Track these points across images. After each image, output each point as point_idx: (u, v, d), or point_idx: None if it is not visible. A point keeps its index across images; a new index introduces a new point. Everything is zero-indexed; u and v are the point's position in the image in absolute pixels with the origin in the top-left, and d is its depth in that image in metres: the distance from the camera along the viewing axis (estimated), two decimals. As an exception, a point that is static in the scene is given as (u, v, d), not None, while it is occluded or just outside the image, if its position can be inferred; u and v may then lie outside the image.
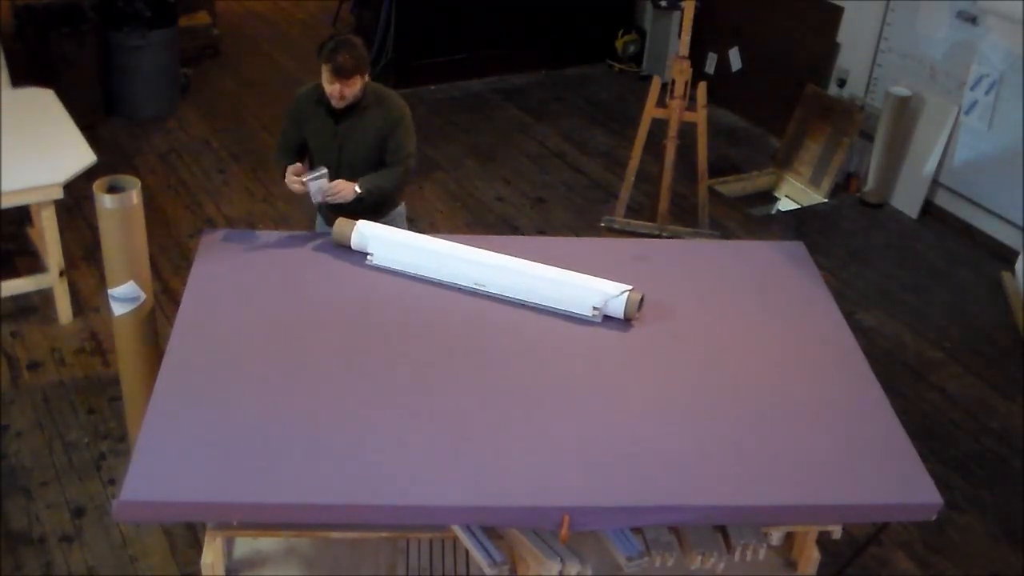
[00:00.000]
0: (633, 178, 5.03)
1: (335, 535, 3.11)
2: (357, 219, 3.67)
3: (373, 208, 3.79)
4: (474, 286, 3.50)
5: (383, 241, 3.62)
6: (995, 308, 5.34)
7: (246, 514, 2.85)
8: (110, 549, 3.65)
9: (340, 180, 3.66)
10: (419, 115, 6.55)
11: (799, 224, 6.00)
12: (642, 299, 3.42)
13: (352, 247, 3.65)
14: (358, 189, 3.67)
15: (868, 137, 6.17)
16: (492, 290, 3.49)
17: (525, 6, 7.34)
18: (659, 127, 4.95)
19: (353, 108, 3.70)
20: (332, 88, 3.62)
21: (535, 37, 7.51)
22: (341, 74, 3.58)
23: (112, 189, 3.38)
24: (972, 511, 4.08)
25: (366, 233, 3.63)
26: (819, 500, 2.87)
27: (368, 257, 3.62)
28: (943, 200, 6.02)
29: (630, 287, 3.43)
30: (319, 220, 4.04)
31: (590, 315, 3.40)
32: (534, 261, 3.56)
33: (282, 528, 3.02)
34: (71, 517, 3.77)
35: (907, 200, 6.11)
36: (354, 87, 3.63)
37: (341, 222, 3.68)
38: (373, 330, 3.34)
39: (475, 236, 3.78)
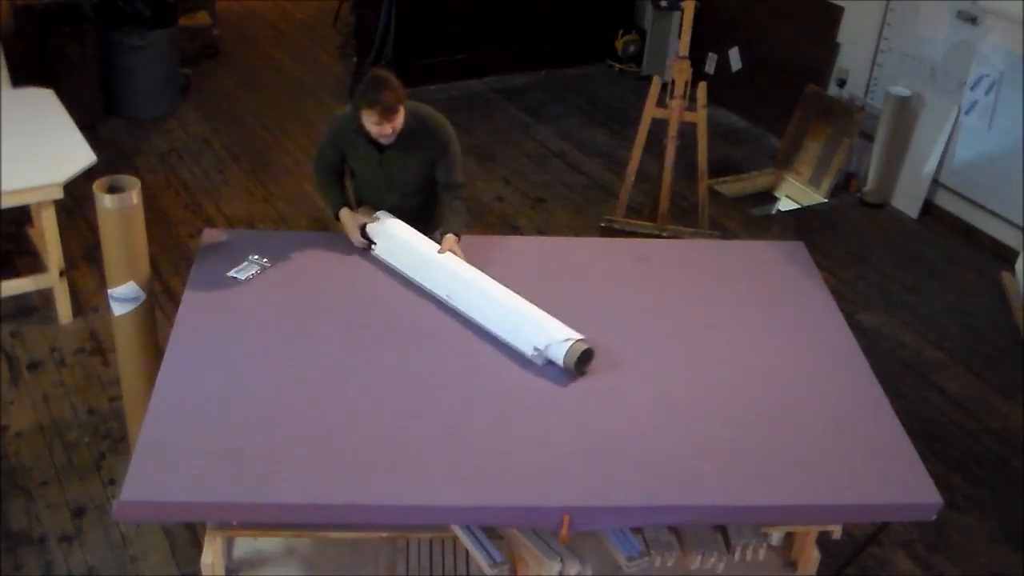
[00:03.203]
0: (633, 178, 5.02)
1: (335, 535, 3.11)
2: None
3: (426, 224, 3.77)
4: (446, 297, 3.44)
5: (386, 235, 3.63)
6: (995, 308, 5.34)
7: (246, 514, 2.85)
8: (110, 549, 3.65)
9: (447, 244, 3.56)
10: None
11: (799, 224, 6.00)
12: (589, 354, 3.18)
13: (366, 232, 3.66)
14: (456, 238, 3.59)
15: (868, 137, 6.17)
16: (458, 305, 3.41)
17: (525, 6, 7.33)
18: (659, 127, 4.94)
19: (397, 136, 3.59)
20: (380, 128, 3.48)
21: (535, 37, 7.51)
22: (390, 113, 3.45)
23: (112, 189, 3.37)
24: (972, 511, 4.08)
25: (379, 224, 3.64)
26: (819, 500, 2.87)
27: (372, 246, 3.63)
28: (943, 200, 6.02)
29: (579, 337, 3.19)
30: None
31: (531, 354, 3.21)
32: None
33: (282, 528, 3.02)
34: (71, 517, 3.77)
35: (907, 200, 6.11)
36: (400, 119, 3.51)
37: (366, 209, 3.71)
38: (373, 330, 3.34)
39: (476, 236, 3.77)
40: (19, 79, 5.49)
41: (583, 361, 3.18)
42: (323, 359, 3.19)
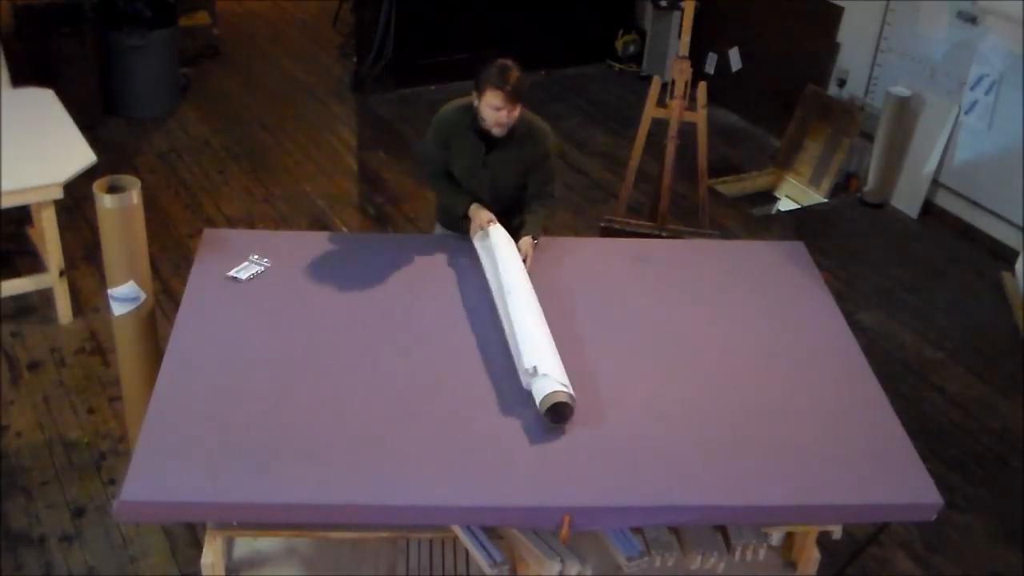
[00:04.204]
0: (633, 178, 5.02)
1: (335, 535, 3.11)
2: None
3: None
4: (504, 299, 3.37)
5: (498, 233, 3.59)
6: (995, 308, 5.34)
7: (246, 514, 2.85)
8: (110, 549, 3.65)
9: (523, 247, 3.54)
10: (419, 115, 6.60)
11: (799, 224, 6.00)
12: (566, 409, 2.94)
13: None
14: (533, 241, 3.59)
15: (868, 137, 6.17)
16: (507, 307, 3.33)
17: (525, 6, 7.33)
18: (659, 127, 4.94)
19: (505, 136, 3.56)
20: (499, 114, 3.44)
21: (535, 37, 7.50)
22: (515, 97, 3.42)
23: (112, 189, 3.37)
24: (972, 511, 4.08)
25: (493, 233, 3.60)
26: (819, 500, 2.87)
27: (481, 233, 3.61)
28: (943, 200, 6.02)
29: (563, 388, 2.96)
30: (438, 228, 3.98)
31: (526, 367, 3.05)
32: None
33: (282, 528, 3.02)
34: (71, 517, 3.77)
35: (907, 200, 6.11)
36: (517, 111, 3.49)
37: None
38: (374, 330, 3.34)
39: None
40: (19, 79, 5.49)
41: (558, 412, 2.93)
42: (323, 359, 3.19)
